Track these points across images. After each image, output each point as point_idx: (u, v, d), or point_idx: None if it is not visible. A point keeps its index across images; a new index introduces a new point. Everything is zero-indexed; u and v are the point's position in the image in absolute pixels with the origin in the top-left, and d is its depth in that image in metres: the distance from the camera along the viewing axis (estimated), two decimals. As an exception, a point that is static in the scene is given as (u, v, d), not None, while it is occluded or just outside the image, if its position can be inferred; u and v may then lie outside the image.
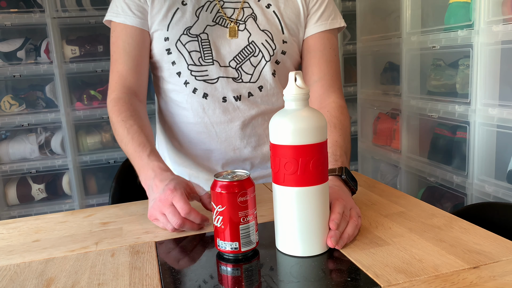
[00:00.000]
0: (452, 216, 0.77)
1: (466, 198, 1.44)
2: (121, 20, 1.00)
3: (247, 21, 1.01)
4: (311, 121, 0.62)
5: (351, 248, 0.66)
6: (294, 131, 0.62)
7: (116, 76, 1.01)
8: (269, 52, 1.01)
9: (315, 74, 1.04)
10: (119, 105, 0.97)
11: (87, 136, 2.24)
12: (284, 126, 0.62)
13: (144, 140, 0.90)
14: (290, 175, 0.62)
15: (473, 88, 1.35)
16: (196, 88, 1.01)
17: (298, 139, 0.62)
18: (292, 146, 0.62)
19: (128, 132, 0.91)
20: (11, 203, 2.20)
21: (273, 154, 0.64)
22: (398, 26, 1.75)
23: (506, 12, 1.24)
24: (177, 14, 0.99)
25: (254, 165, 1.07)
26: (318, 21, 1.04)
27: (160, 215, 0.77)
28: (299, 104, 0.63)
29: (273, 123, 0.64)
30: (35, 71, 2.09)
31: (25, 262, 0.69)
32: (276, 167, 0.63)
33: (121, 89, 1.00)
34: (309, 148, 0.62)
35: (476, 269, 0.58)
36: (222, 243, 0.65)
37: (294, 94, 0.63)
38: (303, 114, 0.63)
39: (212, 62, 1.00)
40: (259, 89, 1.03)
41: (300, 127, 0.62)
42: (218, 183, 0.64)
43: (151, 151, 0.88)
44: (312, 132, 0.62)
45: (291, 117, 0.63)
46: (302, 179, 0.62)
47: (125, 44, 1.00)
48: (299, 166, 0.62)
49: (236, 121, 1.03)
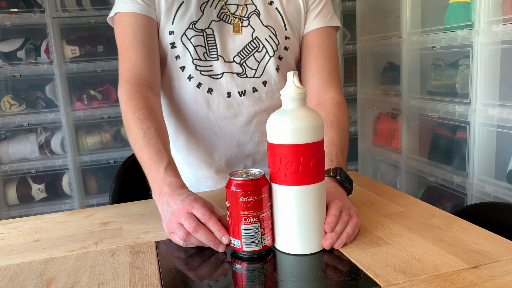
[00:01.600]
0: (452, 216, 0.77)
1: (466, 198, 1.44)
2: (130, 9, 0.95)
3: (250, 18, 1.01)
4: (311, 120, 0.63)
5: (351, 248, 0.66)
6: (295, 130, 0.62)
7: (130, 65, 0.94)
8: (273, 48, 1.02)
9: (313, 68, 1.04)
10: (135, 99, 0.90)
11: (87, 136, 2.24)
12: (285, 125, 0.62)
13: (162, 149, 0.84)
14: (291, 174, 0.62)
15: (473, 88, 1.35)
16: (201, 83, 1.01)
17: (300, 138, 0.62)
18: (293, 145, 0.62)
19: (145, 135, 0.85)
20: (11, 203, 2.20)
21: (272, 153, 0.64)
22: (398, 26, 1.75)
23: (506, 12, 1.24)
24: (181, 8, 0.99)
25: (256, 161, 1.07)
26: (317, 18, 1.05)
27: (175, 224, 0.70)
28: (297, 103, 0.64)
29: (272, 122, 0.64)
30: (35, 71, 2.09)
31: (25, 262, 0.69)
32: (276, 167, 0.63)
33: (136, 79, 0.93)
34: (310, 146, 0.62)
35: (475, 269, 0.58)
36: (231, 238, 0.66)
37: (293, 94, 0.63)
38: (302, 113, 0.63)
39: (217, 58, 1.00)
40: (264, 84, 1.03)
41: (301, 126, 0.62)
42: (231, 180, 0.64)
43: (168, 163, 0.81)
44: (313, 130, 0.63)
45: (290, 116, 0.63)
46: (303, 178, 0.62)
47: (136, 31, 0.94)
48: (300, 164, 0.62)
49: (240, 116, 1.03)
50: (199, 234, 0.67)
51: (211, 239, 0.67)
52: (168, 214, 0.73)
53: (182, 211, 0.70)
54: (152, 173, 0.81)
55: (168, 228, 0.72)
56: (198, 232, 0.67)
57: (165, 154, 0.83)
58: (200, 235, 0.67)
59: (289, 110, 0.64)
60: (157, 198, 0.79)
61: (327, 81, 1.02)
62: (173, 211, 0.72)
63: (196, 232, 0.67)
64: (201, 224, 0.68)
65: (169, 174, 0.79)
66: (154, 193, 0.81)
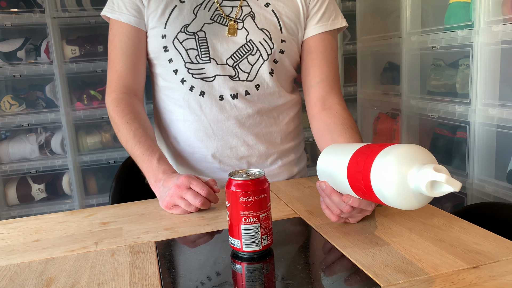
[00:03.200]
0: (452, 216, 0.77)
1: (466, 198, 1.44)
2: (115, 16, 1.01)
3: (245, 20, 1.01)
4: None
5: (351, 248, 0.66)
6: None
7: (115, 75, 1.03)
8: (267, 51, 1.02)
9: (317, 75, 1.05)
10: (121, 106, 1.00)
11: (87, 136, 2.24)
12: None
13: (152, 144, 0.96)
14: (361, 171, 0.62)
15: (473, 88, 1.35)
16: (193, 86, 1.01)
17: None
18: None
19: (135, 135, 0.96)
20: (11, 203, 2.20)
21: (357, 182, 0.63)
22: (398, 26, 1.75)
23: (506, 12, 1.24)
24: (174, 12, 1.00)
25: (250, 163, 1.07)
26: (319, 22, 1.04)
27: (179, 200, 0.84)
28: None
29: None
30: (35, 71, 2.09)
31: (25, 262, 0.69)
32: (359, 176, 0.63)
33: (121, 88, 1.03)
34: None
35: (475, 269, 0.59)
36: (230, 238, 0.66)
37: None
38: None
39: (209, 60, 1.00)
40: (256, 87, 1.03)
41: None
42: (231, 180, 0.64)
43: (160, 155, 0.94)
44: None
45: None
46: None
47: (122, 43, 1.02)
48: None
49: (233, 119, 1.03)
50: (205, 206, 0.84)
51: (209, 205, 0.86)
52: (166, 190, 0.86)
53: (182, 188, 0.83)
54: (146, 165, 0.93)
55: (169, 203, 0.85)
56: (204, 206, 0.84)
57: (156, 148, 0.95)
58: (206, 207, 0.85)
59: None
60: (153, 184, 0.91)
61: (331, 88, 1.05)
62: (170, 188, 0.84)
63: (203, 206, 0.84)
64: (205, 198, 0.84)
65: (162, 164, 0.92)
66: (150, 181, 0.92)
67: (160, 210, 0.88)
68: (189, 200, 0.83)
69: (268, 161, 1.08)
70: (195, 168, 1.07)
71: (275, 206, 0.87)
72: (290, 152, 1.12)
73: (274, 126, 1.07)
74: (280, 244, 0.69)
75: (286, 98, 1.08)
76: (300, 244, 0.71)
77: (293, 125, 1.12)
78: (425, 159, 0.56)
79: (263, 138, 1.07)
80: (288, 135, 1.11)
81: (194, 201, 0.83)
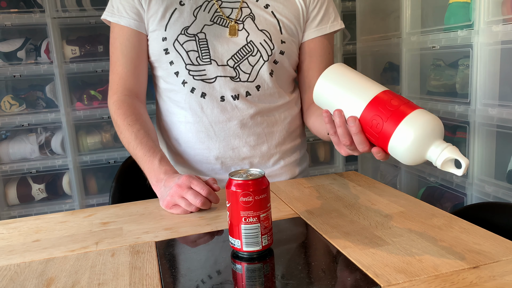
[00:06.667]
0: (452, 216, 0.77)
1: (466, 198, 1.44)
2: (115, 20, 1.02)
3: (245, 21, 1.01)
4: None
5: (351, 248, 0.66)
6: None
7: (117, 78, 1.05)
8: (267, 52, 1.02)
9: (315, 78, 1.05)
10: (123, 108, 1.01)
11: (87, 136, 2.24)
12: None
13: (153, 146, 0.96)
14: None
15: (473, 88, 1.35)
16: (194, 88, 1.01)
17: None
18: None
19: (136, 137, 0.96)
20: (11, 203, 2.19)
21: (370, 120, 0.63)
22: (398, 26, 1.75)
23: (506, 12, 1.24)
24: (175, 14, 1.00)
25: (253, 164, 1.07)
26: (319, 25, 1.06)
27: (180, 199, 0.84)
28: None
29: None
30: (35, 71, 2.09)
31: (25, 262, 0.69)
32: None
33: (123, 91, 1.04)
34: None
35: (476, 269, 0.59)
36: (230, 238, 0.66)
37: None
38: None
39: (209, 62, 1.00)
40: (257, 88, 1.03)
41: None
42: (231, 180, 0.64)
43: (161, 156, 0.94)
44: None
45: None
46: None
47: (122, 46, 1.03)
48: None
49: (234, 120, 1.03)
50: (205, 206, 0.84)
51: (210, 205, 0.86)
52: (167, 190, 0.86)
53: (183, 187, 0.84)
54: (148, 166, 0.93)
55: (170, 202, 0.86)
56: (204, 206, 0.84)
57: (157, 149, 0.96)
58: (206, 206, 0.85)
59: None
60: (154, 185, 0.92)
61: None
62: (171, 187, 0.85)
63: (204, 206, 0.84)
64: (205, 198, 0.84)
65: (163, 165, 0.92)
66: (151, 182, 0.93)
67: (161, 210, 0.88)
68: (189, 199, 0.84)
69: (270, 162, 1.09)
70: (196, 169, 1.07)
71: (275, 206, 0.87)
72: (293, 152, 1.12)
73: (275, 126, 1.08)
74: (280, 244, 0.69)
75: (287, 98, 1.09)
76: (300, 244, 0.71)
77: (295, 124, 1.12)
78: (441, 132, 0.62)
79: (265, 138, 1.07)
80: (290, 135, 1.11)
81: (194, 200, 0.83)
